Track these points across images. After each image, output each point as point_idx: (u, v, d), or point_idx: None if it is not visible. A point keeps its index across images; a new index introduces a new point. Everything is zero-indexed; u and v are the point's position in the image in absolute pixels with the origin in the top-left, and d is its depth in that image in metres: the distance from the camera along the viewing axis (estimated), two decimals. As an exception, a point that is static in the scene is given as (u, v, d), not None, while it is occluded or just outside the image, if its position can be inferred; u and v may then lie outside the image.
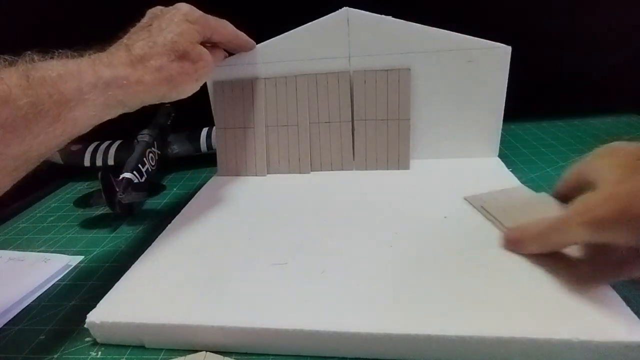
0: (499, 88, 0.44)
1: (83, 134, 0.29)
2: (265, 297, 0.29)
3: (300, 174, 0.48)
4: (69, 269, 0.38)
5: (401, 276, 0.30)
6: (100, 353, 0.29)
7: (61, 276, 0.38)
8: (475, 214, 0.36)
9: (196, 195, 0.46)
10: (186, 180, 0.56)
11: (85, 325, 0.29)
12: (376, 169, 0.47)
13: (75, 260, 0.40)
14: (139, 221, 0.46)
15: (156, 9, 0.36)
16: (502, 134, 0.46)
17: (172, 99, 0.35)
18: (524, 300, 0.26)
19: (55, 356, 0.29)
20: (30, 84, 0.25)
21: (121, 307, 0.30)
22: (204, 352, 0.27)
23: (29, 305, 0.34)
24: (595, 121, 0.58)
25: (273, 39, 0.46)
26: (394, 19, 0.44)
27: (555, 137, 0.55)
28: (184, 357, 0.27)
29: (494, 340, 0.24)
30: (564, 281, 0.27)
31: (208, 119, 0.51)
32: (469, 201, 0.38)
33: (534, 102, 0.58)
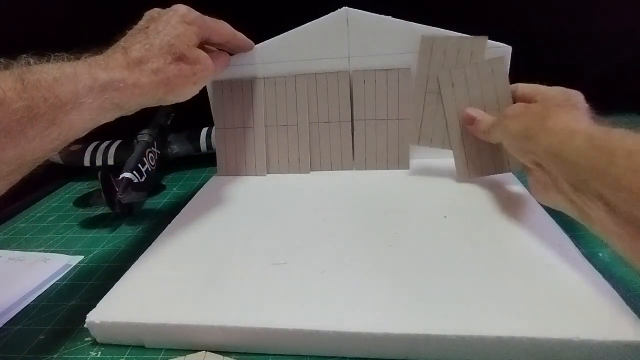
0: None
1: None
2: (265, 297, 0.29)
3: (300, 174, 0.48)
4: (69, 269, 0.38)
5: (401, 276, 0.30)
6: (100, 353, 0.29)
7: (61, 276, 0.38)
8: (475, 214, 0.36)
9: (196, 195, 0.46)
10: (186, 180, 0.56)
11: (85, 325, 0.29)
12: (376, 169, 0.47)
13: (75, 260, 0.40)
14: (139, 221, 0.46)
15: (153, 11, 0.36)
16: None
17: (170, 102, 0.35)
18: (524, 300, 0.26)
19: (55, 356, 0.29)
20: (25, 88, 0.25)
21: (121, 307, 0.30)
22: (204, 352, 0.27)
23: (29, 305, 0.34)
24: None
25: (273, 39, 0.46)
26: (394, 19, 0.44)
27: (555, 137, 0.55)
28: (184, 357, 0.27)
29: (494, 340, 0.24)
30: (564, 281, 0.27)
31: (208, 119, 0.51)
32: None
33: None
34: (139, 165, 0.48)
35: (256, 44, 0.46)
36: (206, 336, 0.27)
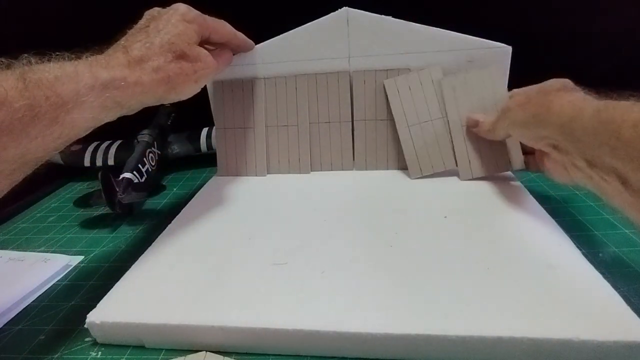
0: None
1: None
2: (265, 297, 0.29)
3: (300, 174, 0.48)
4: (69, 269, 0.38)
5: (401, 276, 0.30)
6: (100, 353, 0.29)
7: (61, 276, 0.38)
8: (475, 214, 0.36)
9: (196, 195, 0.46)
10: (186, 180, 0.56)
11: (85, 325, 0.29)
12: (376, 169, 0.47)
13: (75, 260, 0.40)
14: (139, 221, 0.46)
15: (153, 10, 0.36)
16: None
17: (171, 100, 0.35)
18: (524, 300, 0.26)
19: (55, 356, 0.29)
20: (27, 87, 0.25)
21: (121, 307, 0.30)
22: (204, 352, 0.27)
23: (29, 305, 0.34)
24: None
25: (273, 39, 0.46)
26: (394, 19, 0.44)
27: (555, 137, 0.55)
28: (184, 357, 0.27)
29: (494, 340, 0.24)
30: (563, 280, 0.27)
31: (208, 119, 0.51)
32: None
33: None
34: (139, 165, 0.48)
35: (256, 44, 0.46)
36: (206, 336, 0.27)
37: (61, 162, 0.56)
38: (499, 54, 0.43)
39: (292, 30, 0.46)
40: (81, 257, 0.40)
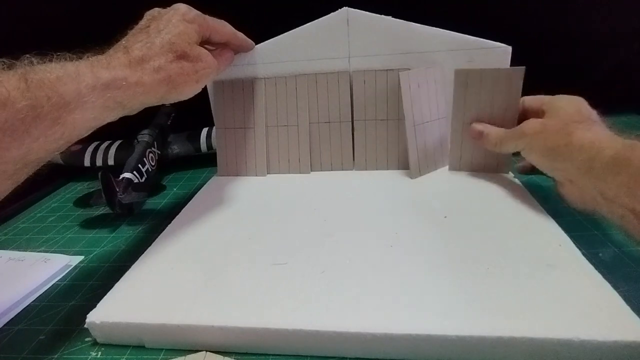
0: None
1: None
2: (265, 297, 0.29)
3: (300, 174, 0.48)
4: (69, 269, 0.38)
5: (401, 276, 0.30)
6: (100, 353, 0.29)
7: (61, 276, 0.38)
8: (475, 214, 0.36)
9: (196, 195, 0.46)
10: (186, 180, 0.56)
11: (85, 325, 0.29)
12: (376, 169, 0.47)
13: (75, 260, 0.40)
14: (139, 221, 0.46)
15: (154, 10, 0.36)
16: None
17: (172, 100, 0.35)
18: (524, 300, 0.26)
19: (55, 356, 0.29)
20: (28, 87, 0.25)
21: (121, 307, 0.30)
22: (204, 352, 0.27)
23: (29, 305, 0.34)
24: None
25: (273, 39, 0.46)
26: (394, 19, 0.44)
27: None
28: (184, 357, 0.27)
29: (494, 340, 0.24)
30: (563, 281, 0.27)
31: (208, 119, 0.51)
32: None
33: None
34: (139, 165, 0.48)
35: (256, 44, 0.46)
36: (206, 336, 0.27)
37: (61, 162, 0.56)
38: (499, 54, 0.43)
39: (292, 30, 0.46)
40: (81, 257, 0.40)
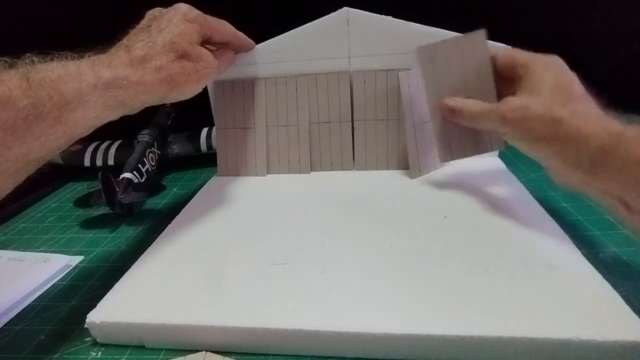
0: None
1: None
2: (265, 297, 0.29)
3: (300, 174, 0.48)
4: (69, 269, 0.38)
5: (401, 276, 0.30)
6: (100, 353, 0.29)
7: (61, 276, 0.38)
8: (475, 214, 0.36)
9: (196, 195, 0.46)
10: (186, 180, 0.56)
11: (85, 325, 0.29)
12: (376, 169, 0.47)
13: (75, 260, 0.40)
14: (139, 221, 0.46)
15: (155, 10, 0.36)
16: (502, 134, 0.46)
17: (173, 100, 0.35)
18: (524, 300, 0.26)
19: (55, 356, 0.29)
20: (30, 86, 0.25)
21: (121, 307, 0.30)
22: (204, 352, 0.27)
23: (29, 305, 0.34)
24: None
25: (273, 39, 0.46)
26: (394, 19, 0.44)
27: (555, 137, 0.55)
28: (184, 357, 0.27)
29: (494, 340, 0.24)
30: (563, 281, 0.27)
31: (208, 119, 0.51)
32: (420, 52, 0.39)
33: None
34: (139, 165, 0.48)
35: (256, 44, 0.46)
36: (206, 336, 0.27)
37: (61, 162, 0.56)
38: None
39: (292, 30, 0.46)
40: (81, 257, 0.40)
